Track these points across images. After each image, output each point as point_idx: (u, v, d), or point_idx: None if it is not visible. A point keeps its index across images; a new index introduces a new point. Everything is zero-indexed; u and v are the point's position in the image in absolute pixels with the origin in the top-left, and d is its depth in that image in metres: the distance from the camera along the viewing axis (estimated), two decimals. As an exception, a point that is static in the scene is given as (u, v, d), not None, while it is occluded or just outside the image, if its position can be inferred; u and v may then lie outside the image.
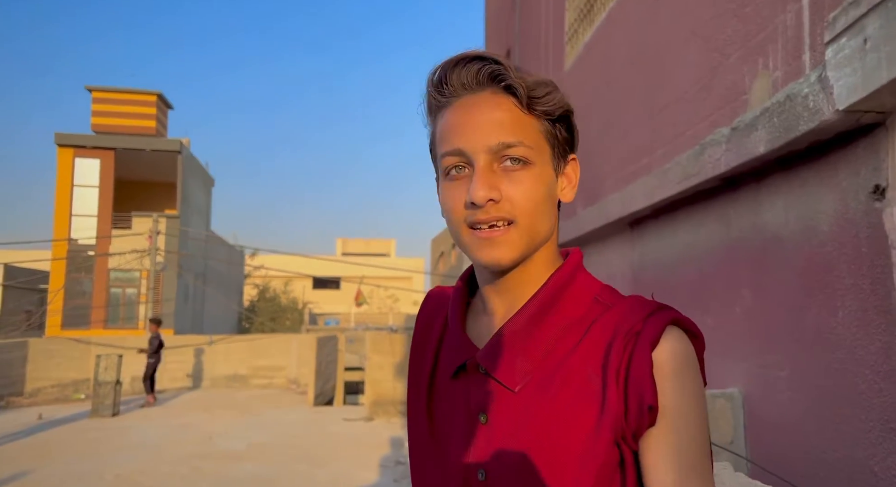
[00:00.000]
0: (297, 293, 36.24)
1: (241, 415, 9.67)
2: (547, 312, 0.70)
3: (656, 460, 0.63)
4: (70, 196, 18.38)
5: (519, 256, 0.69)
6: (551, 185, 0.71)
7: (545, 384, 0.68)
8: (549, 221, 0.71)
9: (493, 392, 0.70)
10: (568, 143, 0.73)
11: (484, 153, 0.68)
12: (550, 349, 0.69)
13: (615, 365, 0.65)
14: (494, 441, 0.68)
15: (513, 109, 0.68)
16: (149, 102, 19.85)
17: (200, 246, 22.16)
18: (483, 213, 0.67)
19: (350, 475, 5.88)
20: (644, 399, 0.63)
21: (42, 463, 6.25)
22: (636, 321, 0.66)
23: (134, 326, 18.54)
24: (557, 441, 0.65)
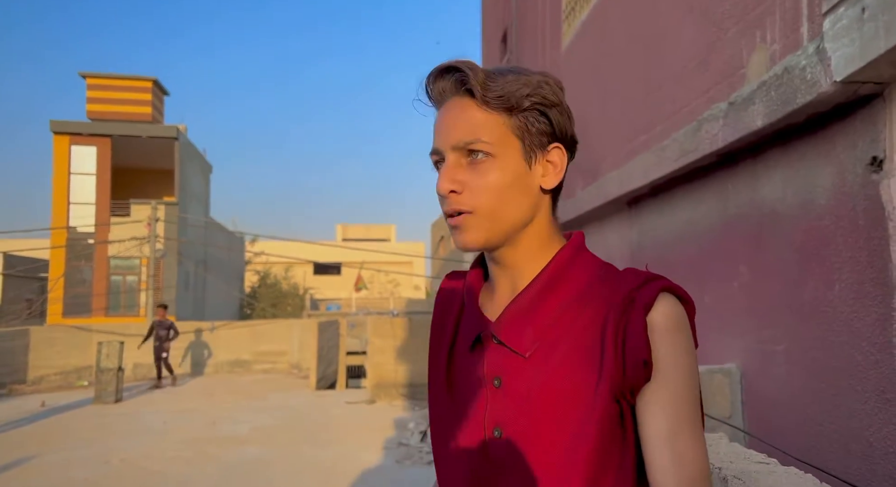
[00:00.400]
0: (298, 279, 36.30)
1: (244, 400, 9.74)
2: (552, 287, 0.78)
3: (652, 410, 0.70)
4: (67, 184, 18.33)
5: (484, 240, 0.77)
6: (519, 175, 0.77)
7: (552, 350, 0.75)
8: (516, 207, 0.77)
9: (505, 359, 0.77)
10: (545, 133, 0.78)
11: (450, 151, 0.77)
12: (556, 319, 0.76)
13: (613, 329, 0.71)
14: (507, 402, 0.76)
15: (474, 109, 0.76)
16: (144, 88, 19.71)
17: (200, 233, 22.15)
18: (447, 204, 0.77)
19: (353, 456, 5.93)
20: (639, 356, 0.70)
21: (46, 449, 6.30)
22: (632, 289, 0.73)
23: (135, 313, 18.59)
24: (564, 399, 0.72)
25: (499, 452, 0.75)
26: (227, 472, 5.42)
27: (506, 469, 0.75)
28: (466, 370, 0.81)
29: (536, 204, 0.79)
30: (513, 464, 0.74)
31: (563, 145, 0.80)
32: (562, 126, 0.79)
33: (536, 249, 0.80)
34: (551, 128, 0.78)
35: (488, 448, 0.76)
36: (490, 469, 0.76)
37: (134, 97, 19.58)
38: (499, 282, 0.82)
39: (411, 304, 30.84)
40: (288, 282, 33.90)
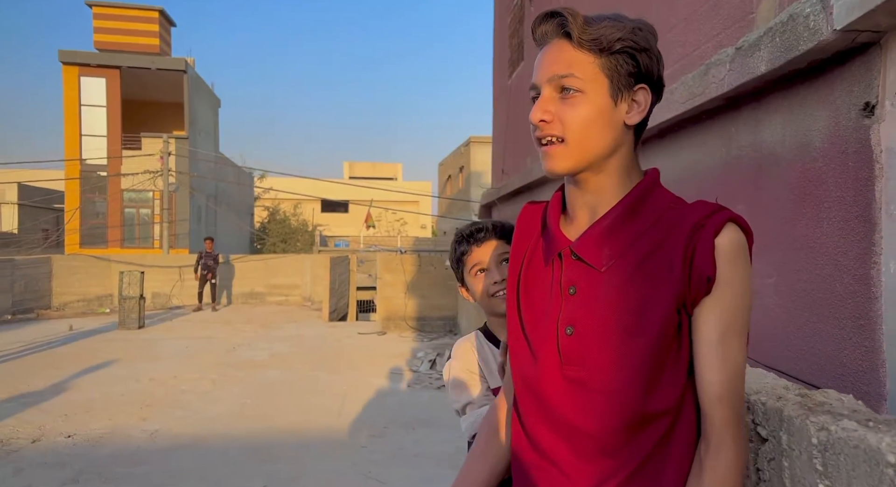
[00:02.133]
0: (307, 216, 36.57)
1: (261, 329, 10.17)
2: (630, 214, 0.89)
3: (706, 318, 0.83)
4: (78, 116, 18.34)
5: (571, 167, 0.88)
6: (605, 110, 0.86)
7: (624, 266, 0.87)
8: (601, 139, 0.87)
9: (581, 272, 0.89)
10: (633, 75, 0.87)
11: (545, 84, 0.88)
12: (631, 240, 0.88)
13: (682, 249, 0.83)
14: (581, 306, 0.88)
15: (570, 49, 0.87)
16: (151, 18, 19.35)
17: (210, 167, 22.26)
18: (539, 131, 0.88)
19: (367, 381, 6.31)
20: (704, 272, 0.82)
21: (81, 368, 6.73)
22: (702, 217, 0.85)
23: (150, 245, 19.01)
24: (630, 305, 0.85)
25: (569, 346, 0.88)
26: (250, 391, 5.82)
27: (573, 360, 0.87)
28: (542, 280, 0.94)
29: (620, 138, 0.89)
30: (580, 356, 0.87)
31: (649, 87, 0.89)
32: (649, 69, 0.88)
33: (617, 179, 0.90)
34: (638, 70, 0.87)
35: (560, 343, 0.89)
36: (561, 360, 0.89)
37: (141, 28, 19.25)
38: (577, 208, 0.93)
39: (418, 242, 31.18)
40: (297, 219, 34.19)
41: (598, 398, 0.86)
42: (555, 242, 0.93)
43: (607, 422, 0.85)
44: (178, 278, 13.66)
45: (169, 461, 4.00)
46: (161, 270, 13.37)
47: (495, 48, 10.69)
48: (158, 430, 4.61)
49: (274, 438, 4.47)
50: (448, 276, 10.12)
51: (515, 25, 8.94)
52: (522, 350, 0.95)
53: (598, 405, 0.86)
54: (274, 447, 4.28)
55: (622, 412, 0.84)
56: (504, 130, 9.18)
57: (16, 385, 5.93)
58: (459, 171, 36.15)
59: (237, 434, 4.55)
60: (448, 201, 38.30)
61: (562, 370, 0.89)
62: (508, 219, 1.22)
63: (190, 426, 4.74)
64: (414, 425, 4.83)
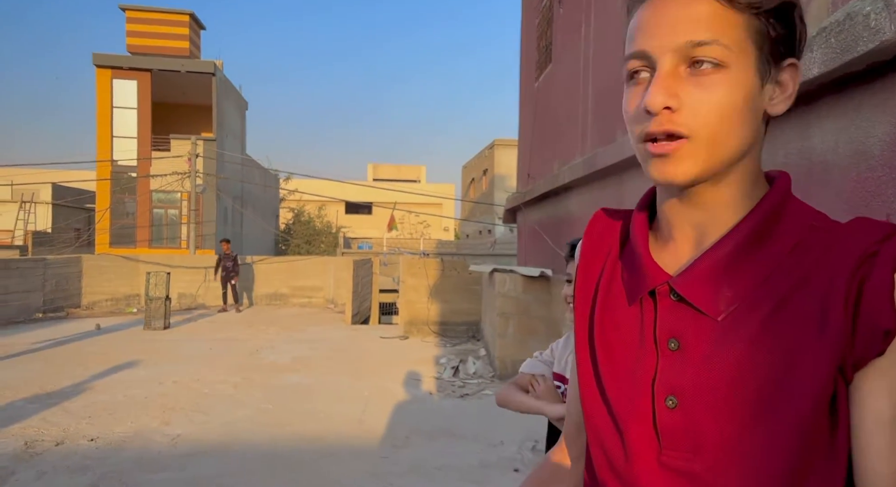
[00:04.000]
0: (331, 218, 36.84)
1: (284, 331, 10.18)
2: (758, 239, 0.63)
3: (878, 388, 0.58)
4: (110, 117, 18.68)
5: (698, 174, 0.61)
6: (752, 94, 0.60)
7: (752, 313, 0.61)
8: (741, 135, 0.61)
9: (689, 320, 0.64)
10: (785, 43, 0.62)
11: (669, 53, 0.60)
12: (760, 276, 0.62)
13: (844, 289, 0.58)
14: (688, 368, 0.63)
15: (710, 2, 0.59)
16: (182, 22, 19.63)
17: (237, 169, 22.50)
18: (657, 123, 0.60)
19: (389, 387, 6.23)
20: (880, 323, 0.57)
21: (105, 368, 6.78)
22: (871, 243, 0.59)
23: (177, 245, 19.26)
24: (766, 371, 0.60)
25: (672, 424, 0.63)
26: (272, 396, 5.78)
27: (679, 445, 0.63)
28: (626, 326, 0.69)
29: (757, 135, 0.64)
30: (689, 439, 0.62)
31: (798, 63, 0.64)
32: (803, 38, 0.63)
33: (740, 189, 0.64)
34: (792, 38, 0.62)
35: (658, 419, 0.64)
36: (659, 443, 0.64)
37: (172, 31, 19.56)
38: (679, 228, 0.67)
39: (441, 245, 31.11)
40: (321, 220, 34.45)
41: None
42: (644, 273, 0.67)
43: None
44: (203, 278, 13.79)
45: (190, 467, 3.96)
46: (187, 270, 13.51)
47: (522, 51, 10.56)
48: (180, 435, 4.58)
49: (295, 445, 4.41)
50: (471, 280, 10.01)
51: (543, 27, 8.81)
52: (602, 418, 0.69)
53: None
54: (295, 454, 4.22)
55: None
56: (531, 133, 9.05)
57: (42, 384, 5.98)
58: (483, 174, 36.03)
59: (258, 441, 4.50)
60: (471, 204, 38.20)
61: (660, 455, 0.64)
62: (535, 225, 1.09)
63: (211, 431, 4.70)
64: (437, 435, 4.72)
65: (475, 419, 5.18)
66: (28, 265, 11.47)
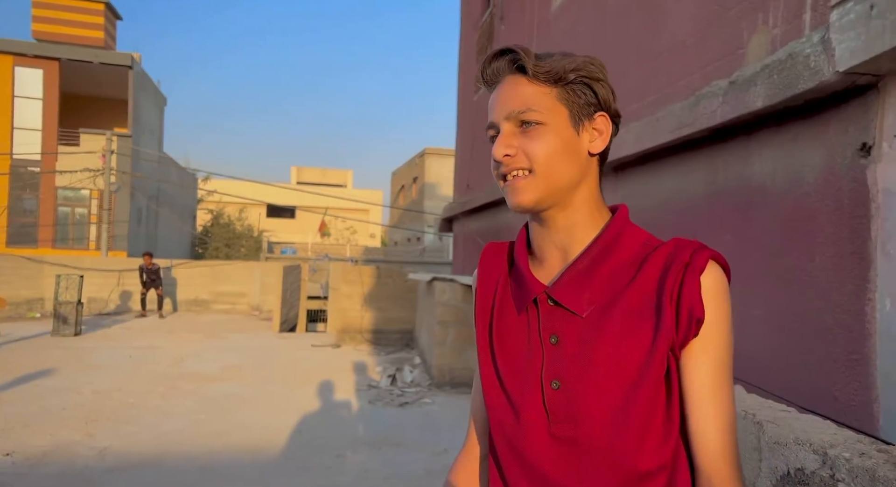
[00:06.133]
0: (252, 221, 35.67)
1: (207, 339, 9.77)
2: (606, 254, 0.85)
3: (698, 364, 0.80)
4: (11, 108, 17.26)
5: (537, 199, 0.83)
6: (569, 139, 0.84)
7: (607, 310, 0.82)
8: (568, 169, 0.84)
9: (562, 319, 0.84)
10: (591, 104, 0.86)
11: (504, 121, 0.85)
12: (610, 282, 0.83)
13: (669, 289, 0.79)
14: (565, 357, 0.82)
15: (525, 84, 0.84)
16: (96, 10, 18.48)
17: (153, 167, 21.37)
18: (504, 166, 0.84)
19: (325, 396, 6.13)
20: (694, 314, 0.78)
21: (14, 376, 6.26)
22: (685, 255, 0.81)
23: (84, 246, 18.01)
24: (620, 355, 0.80)
25: (556, 400, 0.82)
26: (204, 406, 5.54)
27: (562, 417, 0.81)
28: (517, 330, 0.88)
29: (585, 168, 0.86)
30: (569, 413, 0.81)
31: (608, 115, 0.87)
32: (606, 98, 0.87)
33: (587, 214, 0.87)
34: (596, 99, 0.86)
35: (546, 399, 0.82)
36: (547, 417, 0.82)
37: (84, 19, 18.36)
38: (546, 249, 0.88)
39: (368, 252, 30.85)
40: (242, 223, 33.30)
41: (590, 457, 0.80)
42: (527, 287, 0.88)
43: (601, 483, 0.80)
44: (116, 282, 12.99)
45: (121, 482, 3.74)
46: (99, 273, 12.70)
47: (461, 63, 10.74)
48: (108, 447, 4.31)
49: (234, 457, 4.26)
50: (407, 288, 10.02)
51: (483, 42, 9.01)
52: (502, 405, 0.87)
53: (590, 465, 0.80)
54: (235, 467, 4.08)
55: (617, 472, 0.79)
56: (470, 145, 9.20)
57: (-60, 398, 5.46)
58: (413, 181, 36.09)
59: (195, 453, 4.31)
60: (400, 212, 38.11)
61: (549, 428, 0.82)
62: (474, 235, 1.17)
63: (142, 443, 4.46)
64: (379, 444, 4.71)
65: (416, 428, 5.20)
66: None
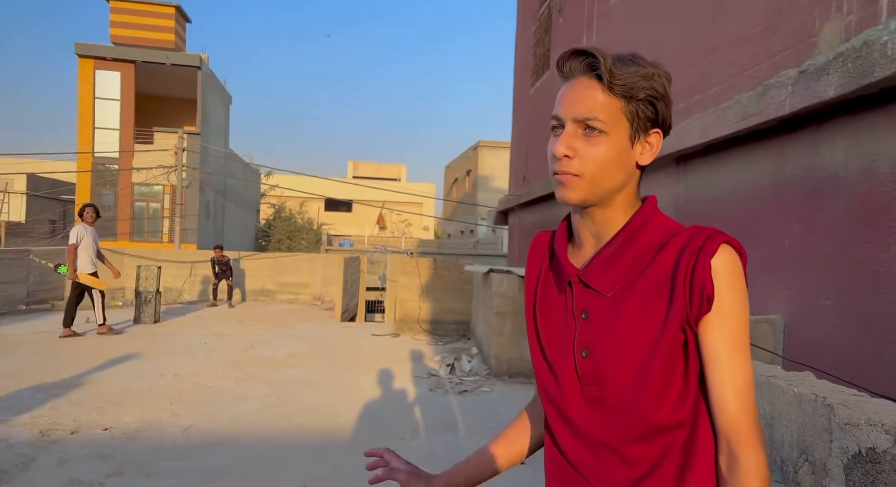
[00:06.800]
0: (312, 214, 36.63)
1: (275, 327, 10.20)
2: (630, 241, 0.96)
3: (712, 335, 0.90)
4: (92, 109, 18.38)
5: (582, 199, 0.94)
6: (623, 151, 0.94)
7: (629, 290, 0.95)
8: (616, 176, 0.94)
9: (591, 298, 0.98)
10: (650, 120, 0.95)
11: (570, 121, 0.94)
12: (632, 266, 0.95)
13: (683, 271, 0.90)
14: (593, 330, 0.97)
15: (598, 90, 0.93)
16: (167, 14, 19.41)
17: (220, 164, 22.31)
18: (559, 164, 0.94)
19: (387, 383, 6.34)
20: (704, 291, 0.89)
21: (103, 361, 6.76)
22: (699, 240, 0.92)
23: (158, 239, 19.04)
24: (638, 327, 0.92)
25: (585, 368, 0.97)
26: (275, 390, 5.85)
27: (590, 381, 0.96)
28: (556, 308, 1.03)
29: (630, 176, 0.97)
30: (596, 376, 0.96)
31: (662, 131, 0.98)
32: (664, 116, 0.97)
33: (622, 210, 0.98)
34: (656, 116, 0.96)
35: (577, 364, 0.98)
36: (579, 381, 0.98)
37: (157, 23, 19.32)
38: (584, 237, 1.01)
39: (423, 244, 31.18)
40: (302, 217, 34.27)
41: (615, 413, 0.94)
42: (564, 271, 1.01)
43: (626, 435, 0.94)
44: (188, 273, 13.70)
45: (206, 457, 4.03)
46: (173, 264, 13.41)
47: (517, 55, 10.73)
48: (191, 426, 4.64)
49: (305, 438, 4.50)
50: (462, 280, 10.16)
51: (541, 34, 8.99)
52: (545, 372, 1.04)
53: (615, 420, 0.94)
54: (306, 447, 4.31)
55: (638, 426, 0.92)
56: (527, 137, 9.23)
57: (43, 375, 5.97)
58: (467, 174, 36.21)
59: (268, 433, 4.58)
60: (453, 204, 38.34)
61: (582, 390, 0.97)
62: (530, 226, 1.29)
63: (221, 423, 4.77)
64: (441, 429, 4.86)
65: (476, 414, 5.33)
66: (11, 257, 11.27)
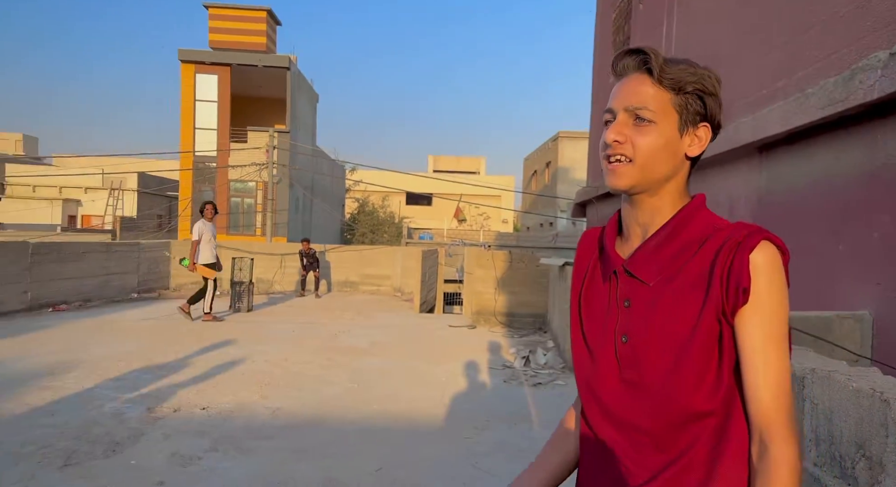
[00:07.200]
0: (393, 208, 37.46)
1: (358, 317, 10.62)
2: (676, 233, 1.01)
3: (748, 326, 0.92)
4: (193, 110, 19.73)
5: (632, 184, 1.00)
6: (671, 141, 0.99)
7: (670, 280, 0.99)
8: (664, 164, 1.00)
9: (634, 287, 1.02)
10: (699, 114, 1.01)
11: (622, 111, 1.01)
12: (675, 258, 0.99)
13: (721, 263, 0.94)
14: (634, 317, 1.01)
15: (649, 84, 1.00)
16: (259, 18, 20.45)
17: (308, 160, 23.30)
18: (610, 149, 1.00)
19: (463, 373, 6.49)
20: (741, 284, 0.92)
21: (203, 346, 7.33)
22: (739, 236, 0.95)
23: (252, 233, 20.21)
24: (676, 317, 0.97)
25: (625, 352, 1.01)
26: (356, 377, 6.14)
27: (627, 365, 1.01)
28: (601, 296, 1.08)
29: (679, 167, 1.02)
30: (633, 361, 1.00)
31: (711, 126, 1.03)
32: (713, 111, 1.02)
33: (670, 202, 1.03)
34: (704, 111, 1.01)
35: (617, 349, 1.02)
36: (618, 364, 1.02)
37: (250, 27, 20.41)
38: (632, 228, 1.06)
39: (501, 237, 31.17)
40: (384, 211, 35.12)
41: (650, 397, 0.98)
42: (611, 261, 1.06)
43: (659, 419, 0.97)
44: (279, 265, 14.47)
45: (292, 436, 4.33)
46: (265, 256, 14.21)
47: (596, 44, 10.53)
48: (280, 408, 4.98)
49: (385, 423, 4.72)
50: (539, 273, 10.14)
51: (620, 22, 8.79)
52: (584, 358, 1.09)
53: (650, 404, 0.98)
54: (386, 432, 4.52)
55: (671, 411, 0.96)
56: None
57: (151, 358, 6.57)
58: (546, 166, 35.79)
59: (350, 417, 4.84)
60: (533, 197, 38.02)
61: (620, 373, 1.01)
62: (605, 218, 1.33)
63: (307, 406, 5.08)
64: (515, 420, 4.94)
65: (550, 407, 5.36)
66: (124, 249, 12.39)
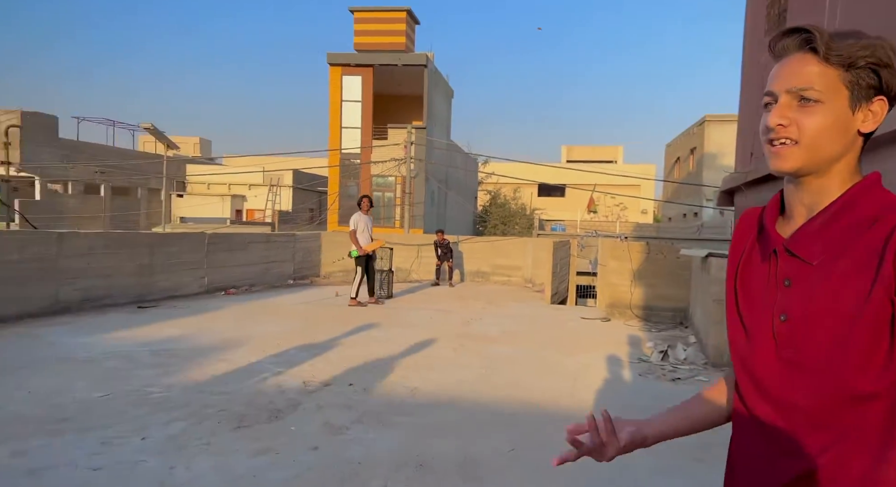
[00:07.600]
0: (525, 200, 37.40)
1: (489, 306, 10.89)
2: (844, 211, 0.96)
3: None
4: (340, 111, 21.17)
5: (798, 167, 0.96)
6: (841, 118, 0.95)
7: (836, 260, 0.94)
8: (834, 144, 0.95)
9: (796, 267, 0.99)
10: (873, 87, 0.95)
11: (784, 93, 0.97)
12: (843, 236, 0.95)
13: (893, 245, 0.89)
14: (794, 296, 0.98)
15: (813, 63, 0.95)
16: (399, 18, 21.41)
17: (443, 155, 24.02)
18: (774, 133, 0.97)
19: (596, 366, 6.46)
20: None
21: (349, 328, 7.98)
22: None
23: (391, 225, 21.30)
24: (841, 296, 0.92)
25: (783, 331, 0.98)
26: (488, 362, 6.37)
27: (786, 344, 0.98)
28: (759, 276, 1.05)
29: (850, 145, 0.97)
30: (792, 338, 0.97)
31: (887, 99, 0.96)
32: (889, 84, 0.95)
33: (838, 182, 0.98)
34: (879, 84, 0.95)
35: (775, 328, 1.00)
36: (776, 343, 1.00)
37: (391, 28, 21.43)
38: (796, 208, 1.02)
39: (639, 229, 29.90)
40: (516, 202, 35.20)
41: (810, 376, 0.95)
42: (770, 240, 1.03)
43: (819, 399, 0.94)
44: (416, 255, 15.16)
45: (429, 414, 4.63)
46: (403, 247, 14.96)
47: (747, 17, 9.81)
48: (417, 388, 5.33)
49: (516, 407, 4.88)
50: (679, 265, 9.72)
51: (774, -4, 8.13)
52: (739, 336, 1.07)
53: (810, 382, 0.95)
54: (516, 415, 4.68)
55: (832, 390, 0.93)
56: (755, 110, 8.45)
57: (304, 338, 7.29)
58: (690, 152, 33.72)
59: (482, 400, 5.06)
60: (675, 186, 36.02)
61: (777, 352, 0.99)
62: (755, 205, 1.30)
63: (442, 387, 5.39)
64: (650, 414, 4.86)
65: (687, 403, 5.20)
66: (282, 240, 13.74)
